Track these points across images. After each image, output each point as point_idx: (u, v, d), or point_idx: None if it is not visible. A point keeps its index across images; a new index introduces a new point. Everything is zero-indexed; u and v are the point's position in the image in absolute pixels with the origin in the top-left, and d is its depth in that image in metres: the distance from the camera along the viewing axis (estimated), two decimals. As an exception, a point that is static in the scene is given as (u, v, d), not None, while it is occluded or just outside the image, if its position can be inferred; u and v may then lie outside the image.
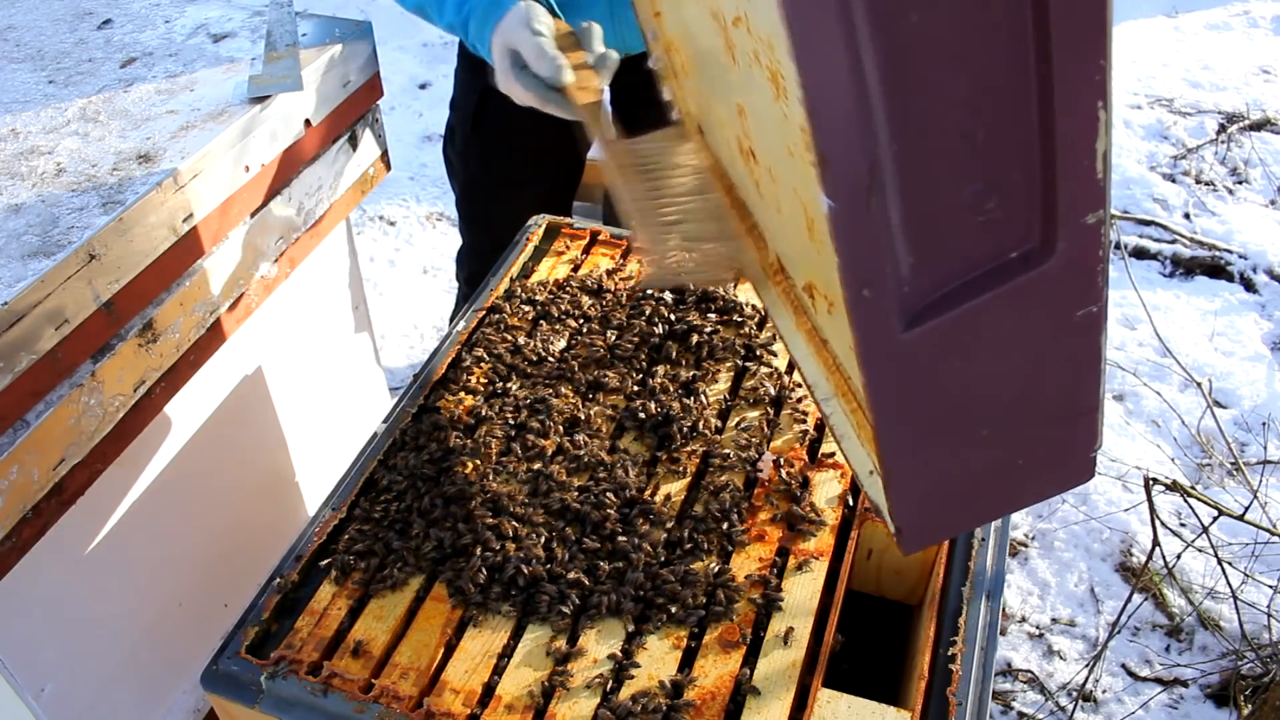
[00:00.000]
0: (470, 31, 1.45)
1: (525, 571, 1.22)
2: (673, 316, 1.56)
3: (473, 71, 2.04)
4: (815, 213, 0.74)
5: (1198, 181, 3.81)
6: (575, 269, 1.69)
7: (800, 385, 1.47)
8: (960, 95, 0.61)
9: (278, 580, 1.24)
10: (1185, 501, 2.35)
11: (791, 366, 1.51)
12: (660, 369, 1.49)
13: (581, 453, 1.36)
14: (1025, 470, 0.82)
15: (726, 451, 1.37)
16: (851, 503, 1.31)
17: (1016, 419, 0.77)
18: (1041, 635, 2.35)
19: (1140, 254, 3.49)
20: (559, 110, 1.35)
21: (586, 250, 1.74)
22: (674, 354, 1.52)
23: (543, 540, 1.26)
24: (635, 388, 1.46)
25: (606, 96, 1.37)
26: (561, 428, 1.40)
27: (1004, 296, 0.69)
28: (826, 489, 1.33)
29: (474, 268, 2.25)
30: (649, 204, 1.23)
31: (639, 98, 2.05)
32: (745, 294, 1.62)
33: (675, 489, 1.32)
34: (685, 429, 1.39)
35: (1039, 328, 0.72)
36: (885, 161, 0.63)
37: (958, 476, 0.81)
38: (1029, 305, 0.70)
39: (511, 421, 1.41)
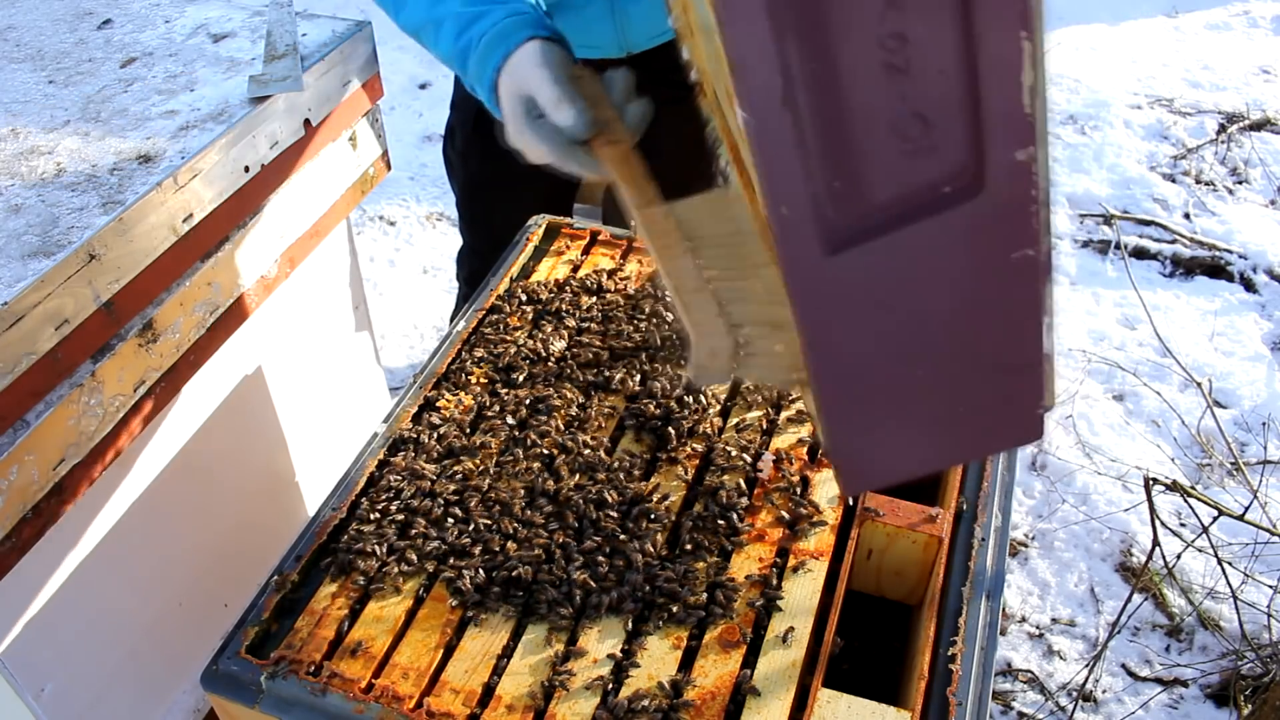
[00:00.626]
0: (470, 68, 1.26)
1: (525, 572, 1.22)
2: (674, 316, 1.56)
3: None
4: (744, 149, 0.74)
5: (1198, 181, 3.81)
6: (575, 269, 1.69)
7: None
8: (878, 15, 0.61)
9: (277, 580, 1.24)
10: (1185, 501, 2.35)
11: (791, 366, 1.51)
12: (661, 369, 1.49)
13: (582, 452, 1.36)
14: (968, 420, 0.81)
15: (727, 451, 1.37)
16: (851, 502, 1.31)
17: (953, 364, 0.76)
18: (1041, 635, 2.35)
19: (1140, 254, 3.50)
20: (582, 169, 1.20)
21: (586, 250, 1.74)
22: (675, 352, 1.52)
23: (543, 540, 1.26)
24: (636, 388, 1.46)
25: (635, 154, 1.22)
26: (561, 427, 1.40)
27: (933, 230, 0.68)
28: (826, 489, 1.33)
29: (474, 267, 2.25)
30: (698, 282, 1.06)
31: (647, 96, 2.06)
32: (745, 294, 1.62)
33: (675, 489, 1.32)
34: (685, 429, 1.39)
35: (971, 267, 0.70)
36: (799, 77, 0.62)
37: (897, 418, 0.80)
38: (960, 242, 0.69)
39: (511, 421, 1.41)
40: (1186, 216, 3.64)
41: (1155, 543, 1.96)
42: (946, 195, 0.67)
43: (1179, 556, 2.32)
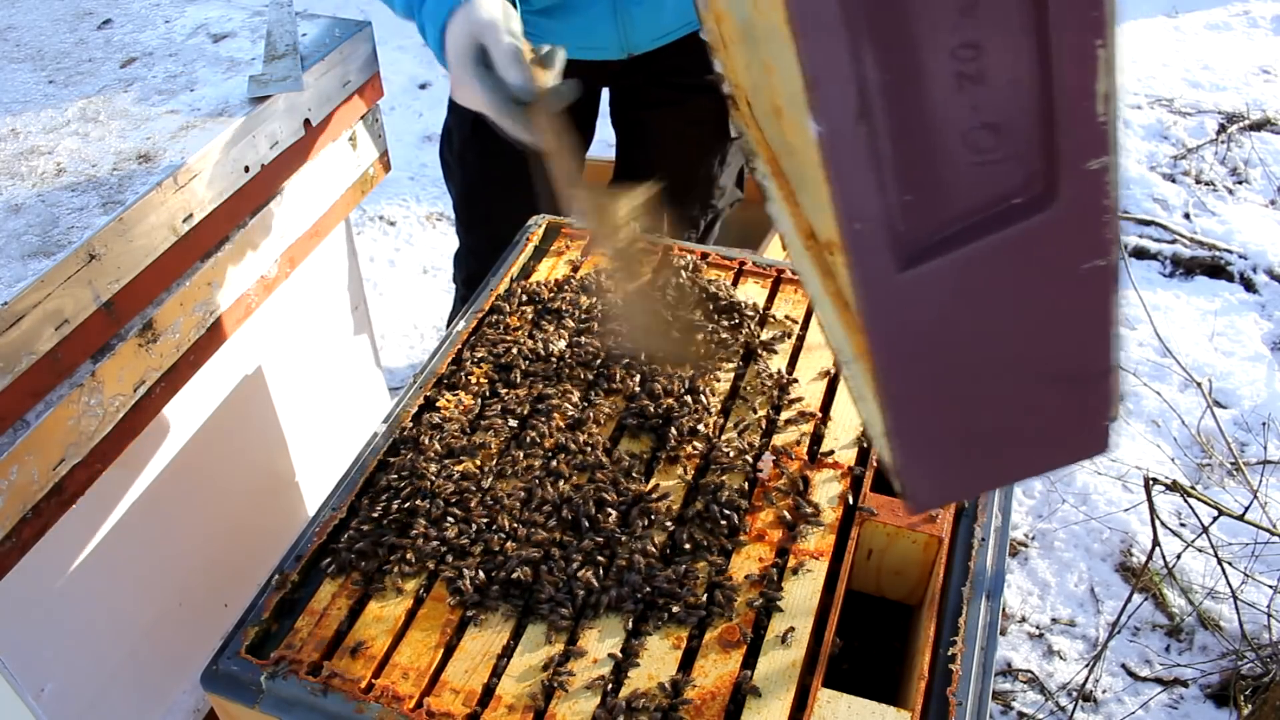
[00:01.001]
0: (426, 7, 1.28)
1: (525, 573, 1.22)
2: (672, 317, 1.56)
3: None
4: (818, 164, 0.73)
5: (1198, 181, 3.81)
6: (575, 269, 1.69)
7: (796, 381, 1.47)
8: (951, 25, 0.60)
9: (277, 580, 1.24)
10: (1185, 501, 2.35)
11: (792, 365, 1.51)
12: (661, 369, 1.49)
13: (582, 452, 1.36)
14: (1035, 435, 0.80)
15: (727, 451, 1.37)
16: (852, 502, 1.31)
17: (1023, 378, 0.76)
18: (1041, 635, 2.35)
19: (1140, 254, 3.50)
20: (514, 128, 1.22)
21: (587, 250, 1.74)
22: (675, 352, 1.52)
23: (542, 540, 1.26)
24: (635, 388, 1.46)
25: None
26: (562, 427, 1.40)
27: (1005, 243, 0.67)
28: (826, 489, 1.33)
29: (472, 269, 2.24)
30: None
31: (641, 99, 2.05)
32: (746, 294, 1.62)
33: (675, 489, 1.32)
34: (685, 429, 1.39)
35: (1043, 280, 0.70)
36: (875, 90, 0.61)
37: (964, 435, 0.80)
38: (1032, 254, 0.68)
39: (511, 421, 1.41)
40: (1186, 216, 3.64)
41: (1155, 543, 1.96)
42: (1018, 207, 0.66)
43: (1179, 556, 2.32)
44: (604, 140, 2.17)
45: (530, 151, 1.22)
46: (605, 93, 2.10)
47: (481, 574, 1.22)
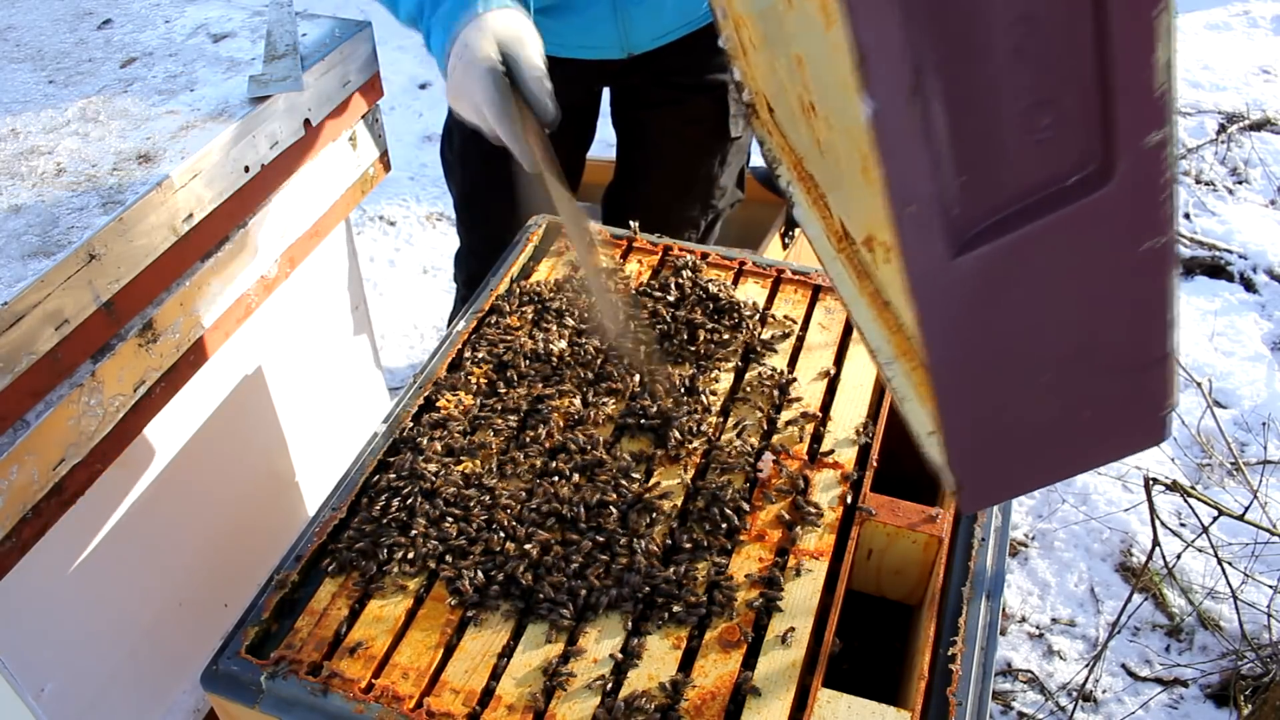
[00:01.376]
0: (441, 9, 1.28)
1: (524, 572, 1.22)
2: (672, 316, 1.56)
3: None
4: (869, 145, 0.72)
5: (1198, 181, 3.81)
6: (575, 269, 1.69)
7: (796, 381, 1.47)
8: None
9: (278, 580, 1.24)
10: (1185, 501, 2.35)
11: (792, 365, 1.51)
12: (661, 369, 1.49)
13: (581, 452, 1.36)
14: (1091, 426, 0.77)
15: (727, 451, 1.37)
16: (851, 502, 1.31)
17: (1079, 366, 0.73)
18: (1041, 635, 2.35)
19: (1140, 254, 3.49)
20: (516, 148, 1.23)
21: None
22: (675, 353, 1.52)
23: (542, 540, 1.26)
24: (636, 388, 1.46)
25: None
26: (561, 427, 1.40)
27: (1061, 224, 0.65)
28: (826, 489, 1.33)
29: (472, 270, 2.24)
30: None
31: (641, 99, 2.05)
32: (746, 294, 1.62)
33: (675, 489, 1.32)
34: (685, 428, 1.39)
35: (1100, 261, 0.67)
36: (928, 65, 0.59)
37: (1018, 429, 0.77)
38: (1088, 235, 0.66)
39: (511, 421, 1.41)
40: (1186, 216, 3.64)
41: (1155, 543, 1.96)
42: (1074, 186, 0.64)
43: (1179, 556, 2.32)
44: (604, 140, 2.17)
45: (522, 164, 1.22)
46: (606, 93, 2.10)
47: (481, 574, 1.22)
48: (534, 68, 1.23)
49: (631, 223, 1.75)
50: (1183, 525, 2.52)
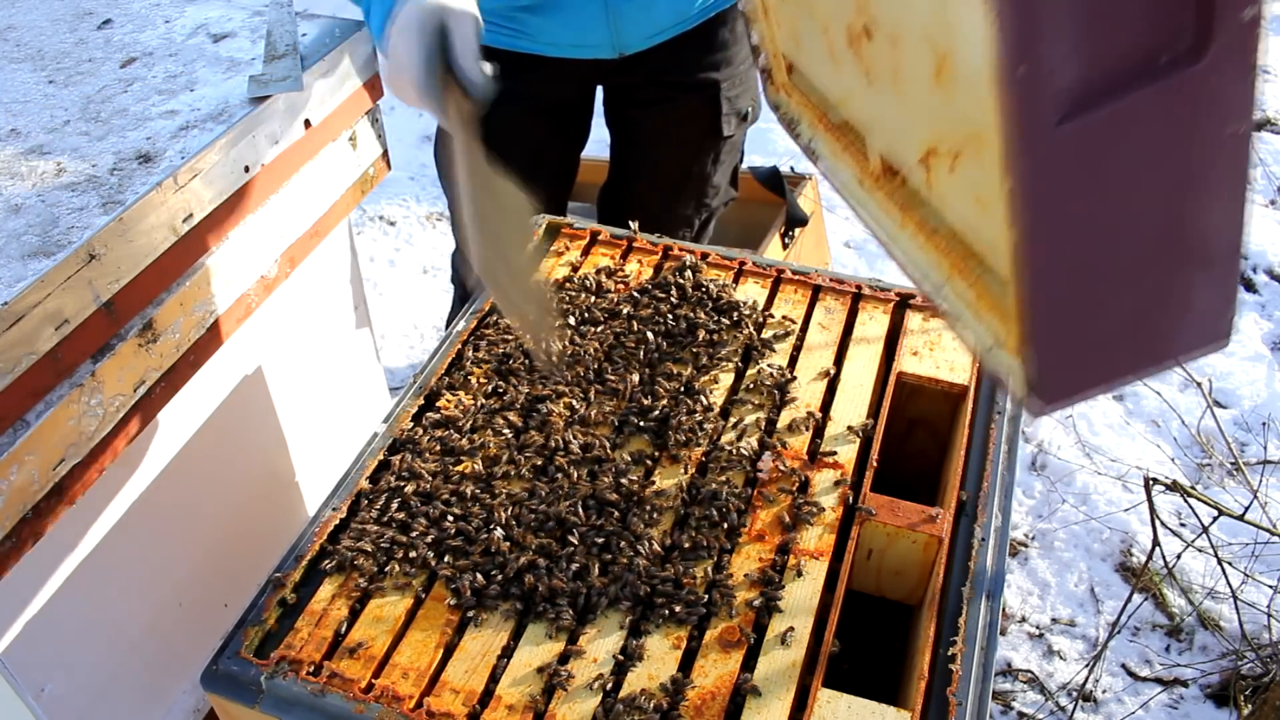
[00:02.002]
0: None
1: (524, 572, 1.22)
2: (674, 316, 1.56)
3: None
4: (947, 47, 0.70)
5: (1198, 181, 3.80)
6: (575, 269, 1.69)
7: (796, 381, 1.47)
8: None
9: (277, 580, 1.24)
10: (1185, 501, 2.35)
11: (792, 365, 1.51)
12: (661, 368, 1.49)
13: (581, 452, 1.36)
14: (1164, 320, 0.79)
15: (727, 451, 1.37)
16: (852, 502, 1.31)
17: (1159, 253, 0.74)
18: (1041, 635, 2.35)
19: (1140, 254, 3.49)
20: (434, 106, 1.23)
21: (586, 250, 1.74)
22: (675, 353, 1.52)
23: (542, 540, 1.26)
24: (636, 387, 1.46)
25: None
26: (561, 427, 1.40)
27: (1155, 98, 0.66)
28: (826, 489, 1.33)
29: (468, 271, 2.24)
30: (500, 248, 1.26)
31: (633, 98, 2.05)
32: (746, 294, 1.62)
33: (675, 489, 1.32)
34: (685, 428, 1.39)
35: (1188, 142, 0.69)
36: None
37: (1097, 319, 0.78)
38: (1179, 113, 0.67)
39: (511, 421, 1.41)
40: (1186, 216, 3.64)
41: (1155, 543, 1.95)
42: (1169, 61, 0.65)
43: (1179, 556, 2.32)
44: (601, 140, 2.17)
45: (528, 152, 1.20)
46: (599, 92, 2.10)
47: (480, 575, 1.22)
48: (467, 40, 1.22)
49: (631, 223, 1.75)
50: (1183, 525, 2.52)
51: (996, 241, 0.78)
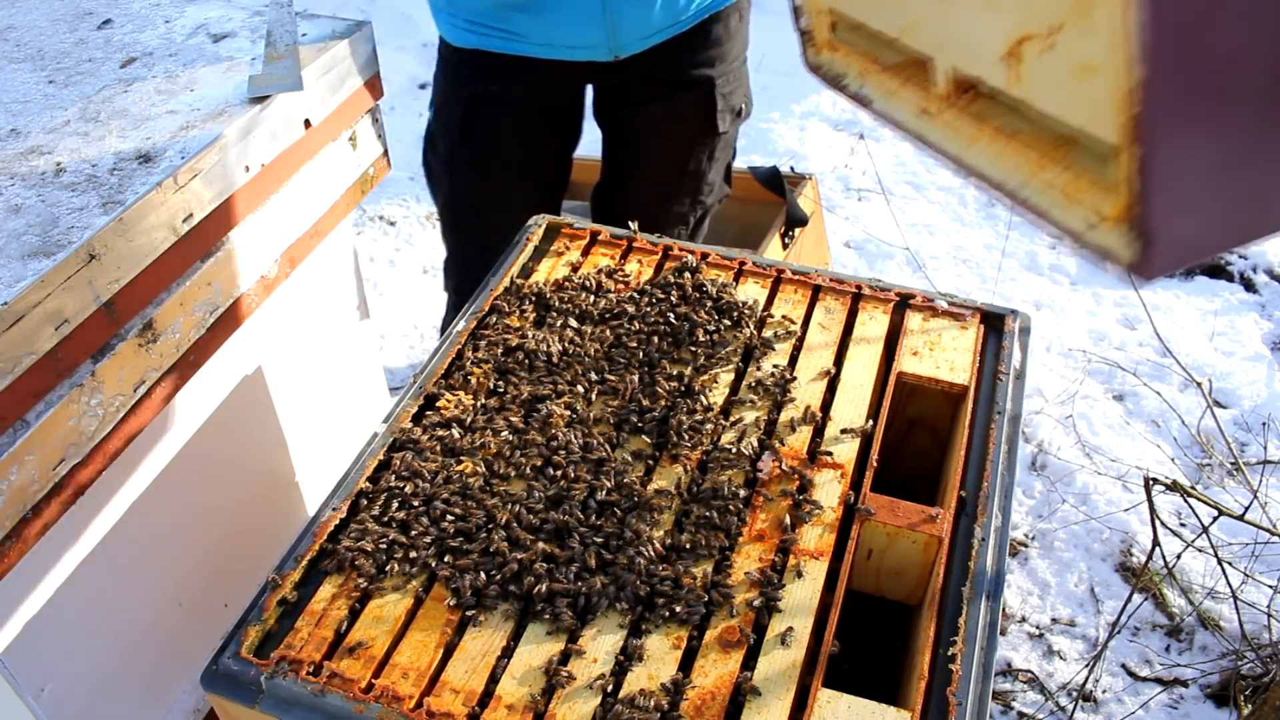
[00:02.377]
0: None
1: (524, 572, 1.22)
2: (674, 316, 1.56)
3: (457, 77, 2.02)
4: None
5: (1198, 181, 3.80)
6: (575, 269, 1.69)
7: (796, 381, 1.47)
8: None
9: (277, 580, 1.24)
10: (1185, 501, 2.35)
11: (792, 365, 1.51)
12: (661, 368, 1.49)
13: (581, 452, 1.36)
14: (1270, 180, 0.78)
15: (727, 451, 1.37)
16: (852, 502, 1.31)
17: (1269, 102, 0.73)
18: (1041, 635, 2.35)
19: (1140, 254, 3.49)
20: None
21: (586, 250, 1.74)
22: (675, 353, 1.52)
23: (542, 540, 1.26)
24: (636, 387, 1.46)
25: None
26: (561, 427, 1.40)
27: None
28: (827, 489, 1.33)
29: (461, 276, 2.22)
30: None
31: (625, 98, 2.05)
32: (746, 294, 1.62)
33: (675, 489, 1.32)
34: (685, 428, 1.39)
35: None
36: None
37: (1211, 175, 0.76)
38: None
39: (511, 421, 1.41)
40: (1186, 216, 3.64)
41: (1155, 543, 1.95)
42: None
43: (1179, 556, 2.32)
44: (595, 138, 2.17)
45: (523, 156, 1.16)
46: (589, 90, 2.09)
47: (481, 575, 1.22)
48: None
49: (631, 223, 1.75)
50: (1183, 525, 2.52)
51: (1104, 105, 0.77)
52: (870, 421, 1.42)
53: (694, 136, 2.04)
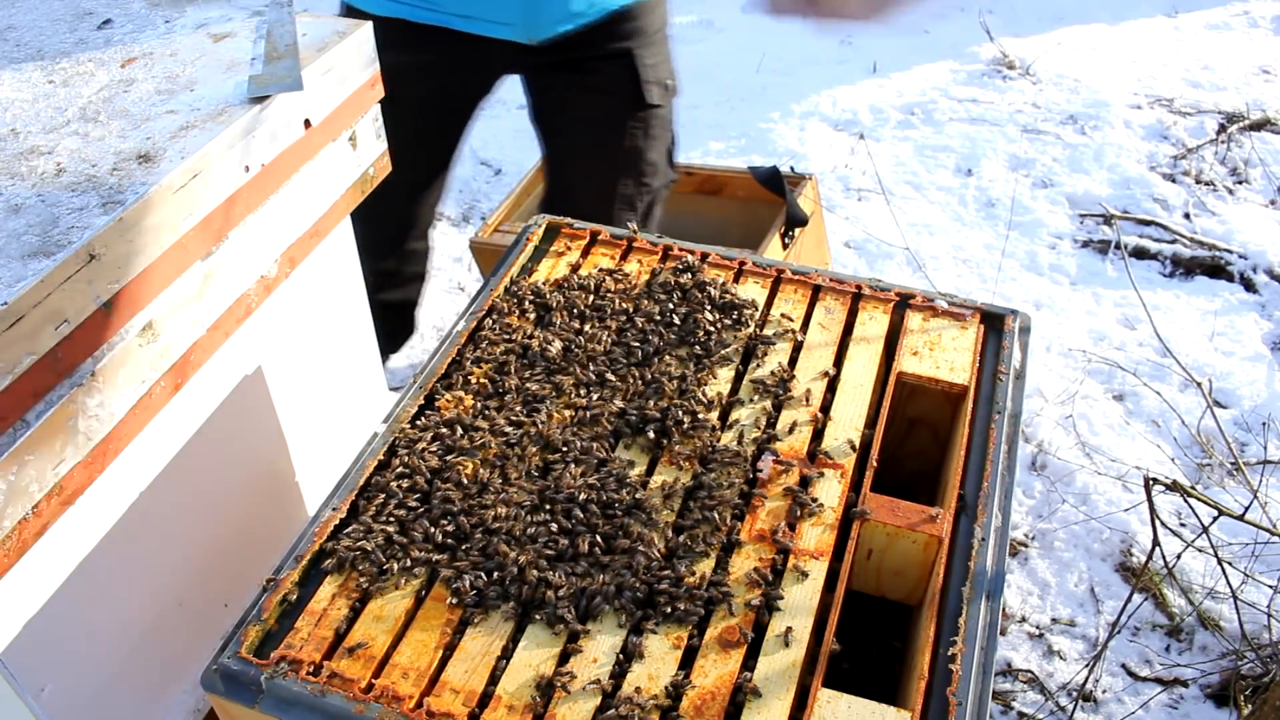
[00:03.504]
0: None
1: (524, 572, 1.22)
2: (674, 316, 1.56)
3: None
4: None
5: (1198, 181, 3.81)
6: (575, 269, 1.69)
7: (796, 381, 1.47)
8: None
9: (277, 580, 1.24)
10: (1185, 501, 2.35)
11: (792, 365, 1.50)
12: (661, 368, 1.49)
13: (581, 452, 1.36)
14: None
15: (726, 451, 1.37)
16: (852, 501, 1.31)
17: None
18: (1041, 635, 2.35)
19: (1140, 254, 3.50)
20: None
21: (586, 251, 1.74)
22: (675, 353, 1.52)
23: (542, 540, 1.26)
24: (636, 386, 1.46)
25: None
26: (561, 427, 1.40)
27: None
28: (827, 489, 1.33)
29: (367, 265, 2.10)
30: None
31: (547, 83, 2.00)
32: (746, 294, 1.62)
33: (675, 489, 1.32)
34: (685, 427, 1.39)
35: None
36: None
37: None
38: None
39: (511, 421, 1.41)
40: (1186, 216, 3.64)
41: (1155, 543, 1.95)
42: None
43: (1179, 556, 2.32)
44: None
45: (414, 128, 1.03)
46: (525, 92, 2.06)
47: (481, 575, 1.22)
48: None
49: (630, 224, 1.75)
50: (1183, 525, 2.52)
51: None
52: (868, 432, 1.42)
53: (624, 111, 1.99)
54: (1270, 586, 2.26)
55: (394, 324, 2.42)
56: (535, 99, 2.07)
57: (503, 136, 4.18)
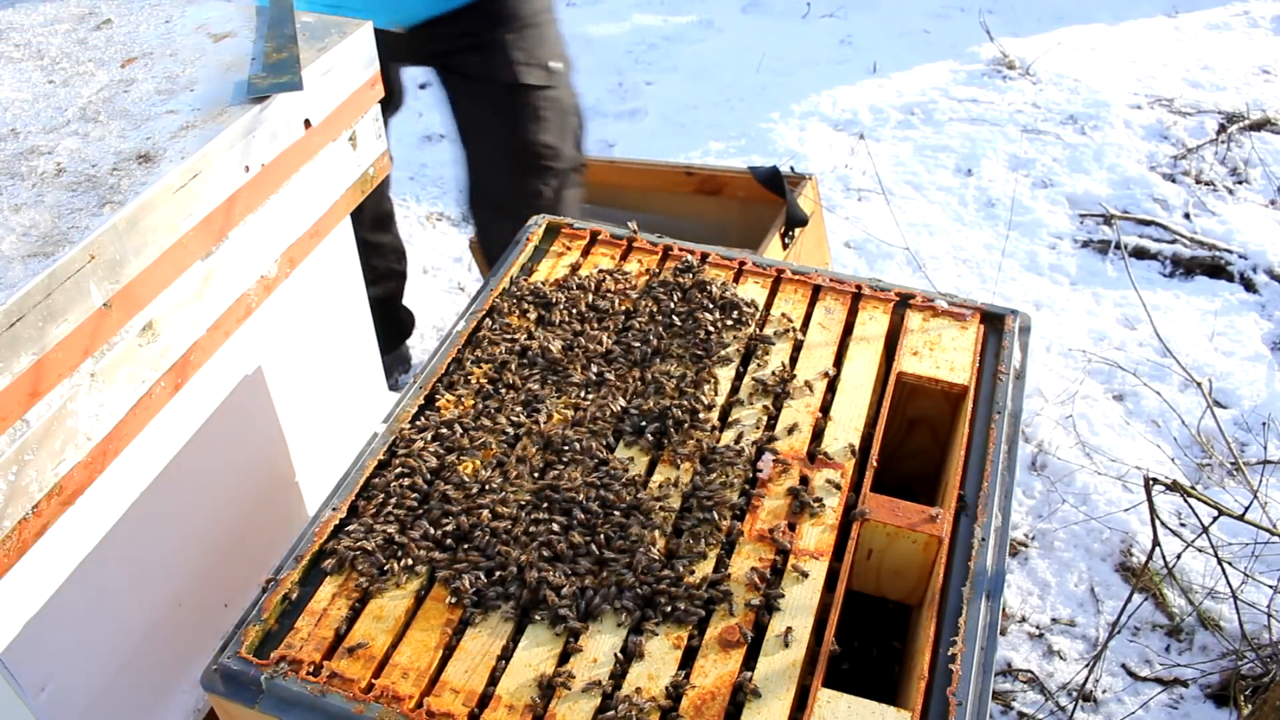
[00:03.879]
0: None
1: (524, 572, 1.22)
2: (674, 316, 1.56)
3: None
4: None
5: (1198, 181, 3.81)
6: (575, 269, 1.69)
7: (796, 381, 1.47)
8: None
9: (277, 580, 1.24)
10: (1185, 501, 2.35)
11: (792, 365, 1.50)
12: (661, 368, 1.49)
13: (581, 452, 1.36)
14: None
15: (726, 451, 1.37)
16: (852, 501, 1.31)
17: None
18: (1041, 635, 2.35)
19: (1140, 254, 3.49)
20: None
21: (586, 250, 1.74)
22: (676, 352, 1.52)
23: (542, 540, 1.26)
24: (636, 386, 1.46)
25: None
26: (561, 426, 1.40)
27: None
28: (826, 489, 1.33)
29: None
30: None
31: (445, 85, 2.00)
32: (746, 294, 1.62)
33: (675, 489, 1.32)
34: (685, 427, 1.39)
35: None
36: None
37: None
38: None
39: (511, 421, 1.41)
40: (1186, 216, 3.64)
41: (1155, 543, 1.95)
42: None
43: (1179, 556, 2.32)
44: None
45: None
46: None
47: (481, 574, 1.22)
48: None
49: (630, 224, 1.75)
50: (1183, 525, 2.52)
51: None
52: (870, 421, 1.42)
53: (509, 98, 2.00)
54: (1270, 586, 2.26)
55: (375, 323, 2.45)
56: (446, 97, 2.09)
57: (503, 136, 4.18)
